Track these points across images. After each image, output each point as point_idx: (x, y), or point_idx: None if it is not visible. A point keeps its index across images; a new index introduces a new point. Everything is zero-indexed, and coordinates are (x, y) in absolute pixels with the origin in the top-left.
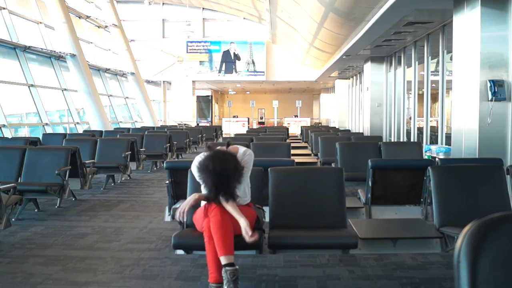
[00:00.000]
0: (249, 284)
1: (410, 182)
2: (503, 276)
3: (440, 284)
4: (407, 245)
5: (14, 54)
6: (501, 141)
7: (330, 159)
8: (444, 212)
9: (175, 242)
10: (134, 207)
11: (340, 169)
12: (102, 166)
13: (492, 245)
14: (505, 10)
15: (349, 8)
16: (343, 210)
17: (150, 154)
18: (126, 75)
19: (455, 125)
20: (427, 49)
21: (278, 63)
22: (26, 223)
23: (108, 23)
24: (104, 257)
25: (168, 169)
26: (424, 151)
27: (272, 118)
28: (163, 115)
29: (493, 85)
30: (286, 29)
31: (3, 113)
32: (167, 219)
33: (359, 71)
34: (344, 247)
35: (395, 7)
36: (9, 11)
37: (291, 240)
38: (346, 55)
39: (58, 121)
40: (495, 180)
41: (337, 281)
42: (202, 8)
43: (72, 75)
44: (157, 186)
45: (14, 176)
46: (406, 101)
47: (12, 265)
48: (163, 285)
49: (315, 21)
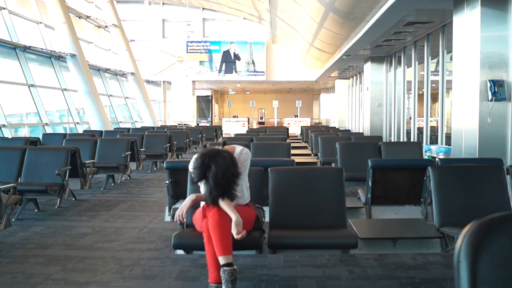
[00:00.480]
0: (249, 284)
1: (410, 182)
2: (503, 276)
3: (440, 284)
4: (407, 245)
5: (14, 54)
6: (501, 141)
7: (330, 159)
8: (444, 212)
9: (175, 242)
10: (134, 207)
11: (340, 169)
12: (102, 166)
13: (492, 245)
14: (505, 10)
15: (349, 8)
16: (343, 210)
17: (150, 154)
18: (126, 75)
19: (455, 125)
20: (427, 49)
21: (278, 63)
22: (26, 223)
23: (108, 23)
24: (104, 257)
25: (168, 169)
26: (424, 151)
27: (272, 118)
28: (163, 115)
29: (493, 85)
30: (286, 29)
31: (3, 113)
32: (167, 219)
33: (359, 71)
34: (344, 247)
35: (395, 7)
36: (9, 11)
37: (291, 240)
38: (346, 55)
39: (58, 121)
40: (495, 180)
41: (337, 281)
42: (202, 8)
43: (72, 75)
44: (157, 186)
45: (14, 176)
46: (406, 101)
47: (12, 265)
48: (163, 285)
49: (315, 21)
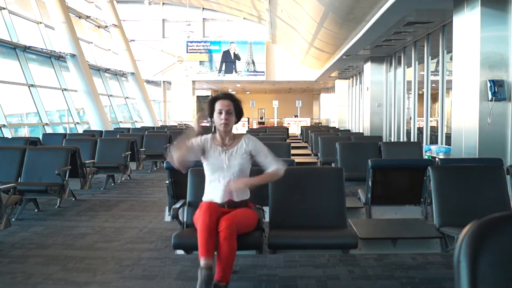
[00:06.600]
0: (249, 284)
1: (410, 182)
2: (503, 276)
3: (440, 284)
4: (407, 245)
5: (14, 54)
6: (501, 141)
7: (330, 159)
8: (444, 212)
9: (175, 242)
10: (134, 207)
11: (340, 169)
12: (102, 166)
13: (492, 245)
14: (505, 10)
15: (349, 8)
16: (343, 210)
17: (150, 154)
18: (126, 75)
19: (455, 125)
20: (427, 49)
21: (278, 63)
22: (26, 223)
23: (108, 23)
24: (104, 257)
25: (168, 169)
26: (424, 151)
27: (272, 118)
28: (163, 115)
29: (493, 85)
30: (286, 29)
31: (3, 113)
32: (167, 219)
33: (359, 71)
34: (344, 247)
35: (395, 7)
36: (9, 11)
37: (291, 240)
38: (346, 55)
39: (58, 121)
40: (495, 180)
41: (337, 281)
42: (202, 8)
43: (72, 75)
44: (157, 186)
45: (14, 176)
46: (406, 101)
47: (12, 265)
48: (163, 285)
49: (315, 21)
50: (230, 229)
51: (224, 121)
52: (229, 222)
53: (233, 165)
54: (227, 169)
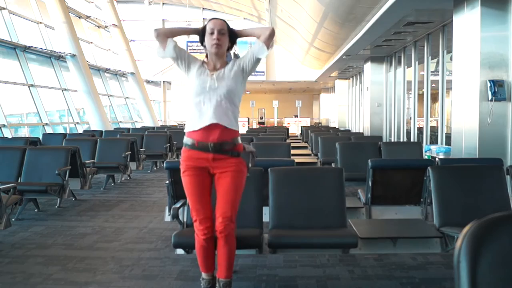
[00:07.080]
0: (249, 284)
1: (410, 182)
2: (503, 276)
3: (440, 284)
4: (407, 245)
5: (14, 54)
6: (501, 141)
7: (330, 159)
8: (444, 212)
9: (175, 241)
10: (134, 207)
11: (340, 169)
12: (102, 166)
13: (492, 245)
14: (505, 10)
15: (349, 8)
16: (343, 210)
17: (150, 154)
18: (126, 75)
19: (455, 125)
20: (427, 49)
21: (278, 63)
22: (26, 223)
23: (108, 23)
24: (104, 257)
25: (168, 169)
26: (424, 151)
27: (272, 118)
28: (163, 115)
29: (493, 85)
30: (286, 29)
31: (3, 113)
32: (167, 219)
33: (359, 71)
34: (344, 247)
35: (395, 7)
36: (9, 11)
37: (291, 240)
38: (346, 55)
39: (58, 121)
40: (495, 180)
41: (337, 281)
42: (202, 8)
43: (72, 75)
44: (157, 186)
45: (14, 176)
46: (406, 101)
47: (12, 265)
48: (163, 285)
49: (315, 21)
50: (228, 229)
51: (216, 41)
52: (227, 222)
53: (221, 86)
54: (214, 90)
